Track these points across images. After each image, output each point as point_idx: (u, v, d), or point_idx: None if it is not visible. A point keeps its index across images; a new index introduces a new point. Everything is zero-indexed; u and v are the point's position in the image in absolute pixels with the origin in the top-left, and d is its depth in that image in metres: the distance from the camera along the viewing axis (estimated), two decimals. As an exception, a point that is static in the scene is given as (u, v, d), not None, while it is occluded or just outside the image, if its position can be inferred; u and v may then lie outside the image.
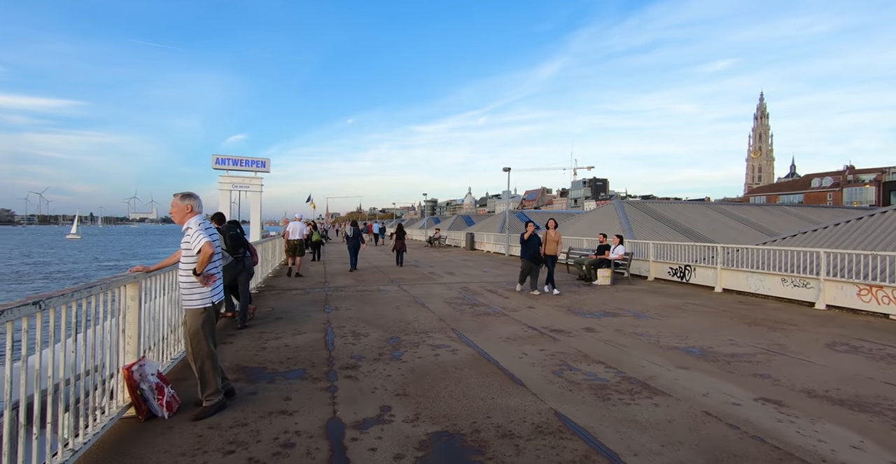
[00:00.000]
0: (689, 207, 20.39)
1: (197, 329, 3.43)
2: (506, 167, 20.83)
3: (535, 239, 9.69)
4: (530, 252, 9.64)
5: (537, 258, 9.64)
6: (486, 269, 15.06)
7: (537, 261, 9.66)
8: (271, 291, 9.90)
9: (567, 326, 6.64)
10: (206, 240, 3.40)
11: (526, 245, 9.67)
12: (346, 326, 6.44)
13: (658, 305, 8.55)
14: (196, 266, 3.39)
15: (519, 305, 8.23)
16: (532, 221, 10.07)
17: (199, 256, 3.40)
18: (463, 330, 6.27)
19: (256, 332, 6.10)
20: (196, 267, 3.40)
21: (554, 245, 10.22)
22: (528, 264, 9.70)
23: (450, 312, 7.59)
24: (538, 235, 9.94)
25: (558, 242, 10.37)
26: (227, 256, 6.23)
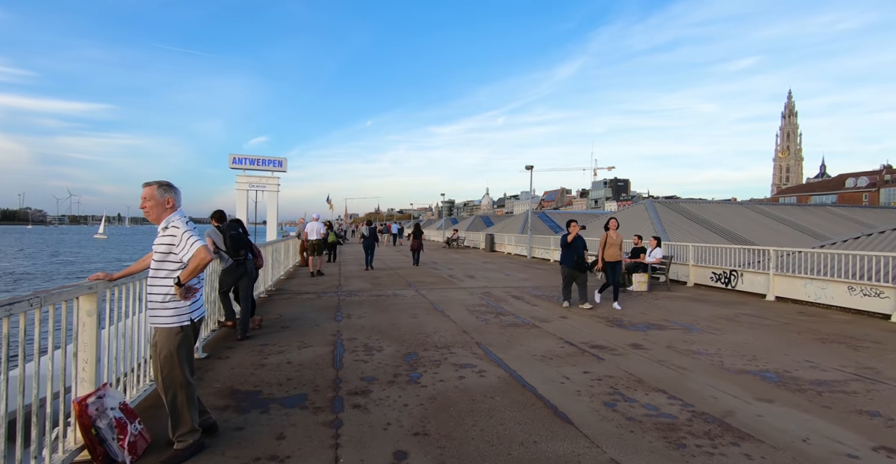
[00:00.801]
0: (724, 207, 19.13)
1: (170, 353, 2.73)
2: (528, 165, 19.94)
3: (579, 242, 8.14)
4: (573, 258, 8.06)
5: (581, 265, 8.06)
6: (509, 272, 14.23)
7: (581, 268, 8.08)
8: (281, 295, 9.29)
9: (609, 341, 5.79)
10: (201, 244, 2.70)
11: (569, 249, 8.09)
12: (357, 339, 5.73)
13: (707, 315, 7.60)
14: (181, 275, 2.69)
15: (550, 315, 7.40)
16: (576, 221, 8.43)
17: (189, 264, 2.70)
18: (489, 345, 5.49)
19: (258, 344, 5.44)
20: (181, 276, 2.70)
21: (616, 250, 8.29)
22: (571, 273, 8.13)
23: (473, 321, 6.81)
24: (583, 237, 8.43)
25: (620, 247, 8.42)
26: (226, 258, 5.60)
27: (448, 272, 13.87)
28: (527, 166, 20.08)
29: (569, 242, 8.06)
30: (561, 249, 8.31)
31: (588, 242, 9.33)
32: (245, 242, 5.61)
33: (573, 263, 8.06)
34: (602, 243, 8.32)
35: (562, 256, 8.26)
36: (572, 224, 8.20)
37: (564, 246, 8.14)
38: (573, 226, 8.18)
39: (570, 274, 8.17)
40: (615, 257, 8.28)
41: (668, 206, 17.78)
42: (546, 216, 32.78)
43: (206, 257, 2.65)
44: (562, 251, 8.26)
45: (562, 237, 8.23)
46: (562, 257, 8.25)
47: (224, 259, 5.60)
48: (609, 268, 8.23)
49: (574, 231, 8.06)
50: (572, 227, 8.18)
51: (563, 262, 8.22)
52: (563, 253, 8.20)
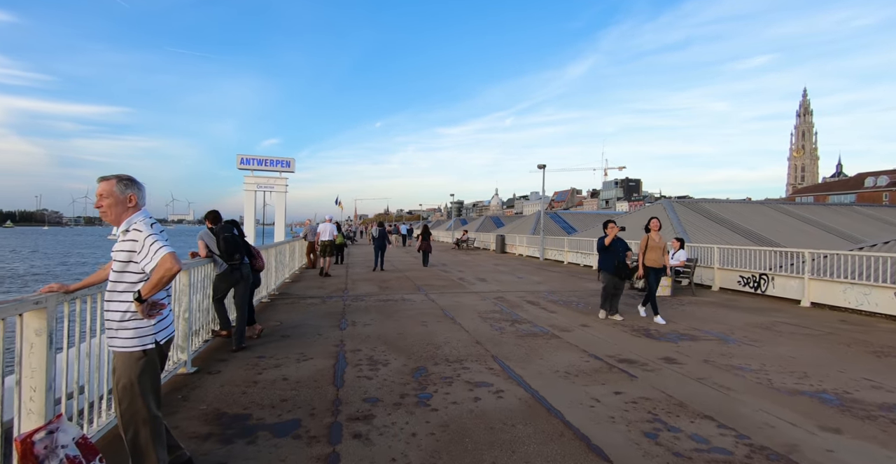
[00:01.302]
0: (745, 207, 18.37)
1: (130, 382, 2.26)
2: (540, 164, 19.38)
3: (619, 245, 7.15)
4: (613, 262, 7.08)
5: (623, 272, 7.10)
6: (522, 275, 13.69)
7: (622, 275, 7.12)
8: (285, 299, 8.87)
9: (638, 354, 5.25)
10: (166, 251, 2.19)
11: (607, 253, 7.15)
12: (362, 350, 5.26)
13: (741, 323, 7.02)
14: (143, 289, 2.19)
15: (570, 323, 6.87)
16: (614, 221, 7.35)
17: (153, 276, 2.20)
18: (506, 358, 4.98)
19: (254, 356, 4.99)
20: (142, 291, 2.19)
21: (659, 254, 7.26)
22: (613, 280, 7.11)
23: (487, 330, 6.31)
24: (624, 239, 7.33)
25: (664, 251, 7.38)
26: (220, 262, 5.17)
27: (458, 275, 13.38)
28: (539, 165, 19.50)
29: (606, 246, 7.11)
30: (598, 254, 7.39)
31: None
32: (240, 244, 5.18)
33: (614, 269, 7.09)
34: (642, 247, 7.31)
35: (600, 262, 7.35)
36: (610, 225, 7.23)
37: (602, 250, 7.20)
38: (611, 227, 7.22)
39: (611, 281, 7.14)
40: (657, 263, 7.24)
41: (687, 205, 17.09)
42: (558, 217, 32.10)
43: (172, 267, 2.17)
44: (599, 256, 7.37)
45: (599, 240, 7.28)
46: (600, 263, 7.35)
47: (218, 263, 5.17)
48: (651, 275, 7.24)
49: (612, 233, 7.11)
50: (610, 228, 7.23)
51: (602, 267, 7.30)
52: (602, 258, 7.28)
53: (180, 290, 4.41)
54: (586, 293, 9.94)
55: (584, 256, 16.51)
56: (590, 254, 16.10)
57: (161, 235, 2.27)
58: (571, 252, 17.44)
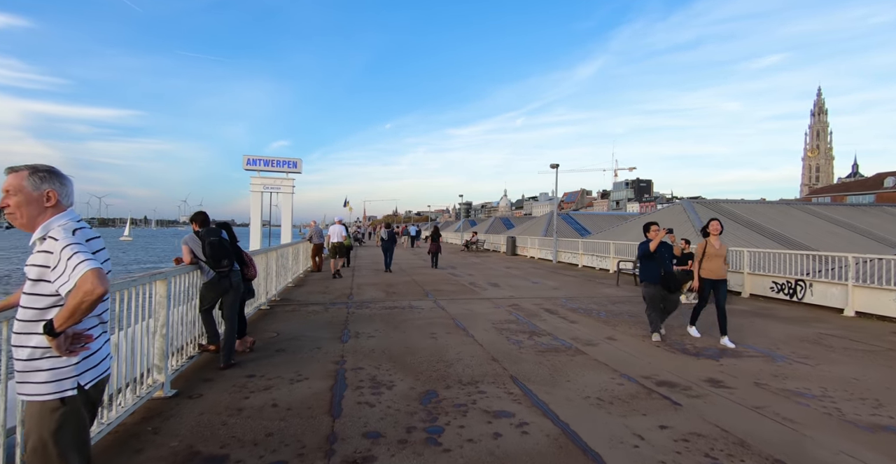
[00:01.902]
0: (770, 208, 17.53)
1: (41, 442, 1.68)
2: (553, 164, 18.72)
3: (665, 251, 6.15)
4: (658, 272, 5.99)
5: (671, 283, 6.00)
6: (536, 279, 13.05)
7: (671, 287, 6.02)
8: (285, 306, 8.35)
9: (677, 374, 4.61)
10: (90, 266, 1.63)
11: (651, 261, 6.02)
12: (364, 368, 4.69)
13: (782, 336, 6.34)
14: (56, 319, 1.63)
15: (594, 336, 6.24)
16: (657, 223, 6.26)
17: (69, 299, 1.62)
18: (527, 379, 4.38)
19: (243, 375, 4.45)
20: (56, 319, 1.62)
21: (720, 263, 5.99)
22: (659, 293, 6.03)
23: (503, 344, 5.71)
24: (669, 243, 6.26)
25: (727, 260, 6.15)
26: (206, 269, 4.64)
27: (469, 279, 12.78)
28: (551, 165, 18.85)
29: (651, 252, 5.95)
30: (639, 262, 6.31)
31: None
32: (229, 250, 4.64)
33: (659, 279, 6.00)
34: (699, 254, 6.08)
35: (641, 271, 6.24)
36: (652, 227, 6.12)
37: (645, 257, 6.05)
38: (654, 230, 6.08)
39: (657, 295, 6.03)
40: (719, 274, 5.97)
41: (708, 206, 16.31)
42: (570, 218, 31.33)
43: (93, 290, 1.57)
44: (640, 264, 6.28)
45: (640, 246, 6.12)
46: (642, 272, 6.23)
47: (205, 271, 4.64)
48: (709, 288, 5.98)
49: (657, 237, 5.96)
50: (653, 231, 6.08)
51: (644, 277, 6.17)
52: (643, 266, 6.17)
53: (157, 302, 3.88)
54: (606, 300, 9.29)
55: (600, 259, 15.81)
56: (606, 257, 15.41)
57: (86, 245, 1.70)
58: (587, 255, 16.75)
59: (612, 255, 14.93)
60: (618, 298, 9.66)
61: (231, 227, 5.22)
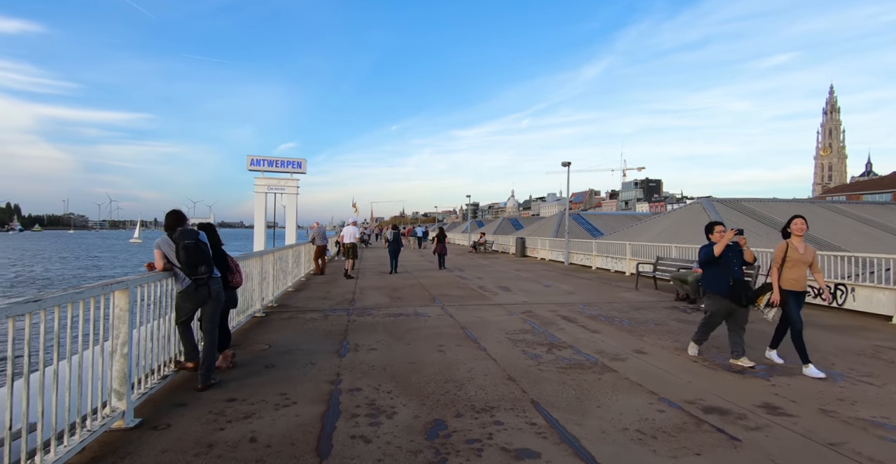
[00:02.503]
0: (793, 206, 16.67)
1: None
2: (564, 162, 18.03)
3: (734, 256, 5.00)
4: (727, 280, 4.91)
5: (742, 294, 4.87)
6: (548, 282, 12.39)
7: (741, 300, 4.88)
8: (282, 313, 7.78)
9: (725, 397, 3.96)
10: None
11: (717, 268, 4.97)
12: (362, 389, 4.09)
13: (832, 348, 5.65)
14: None
15: (620, 348, 5.59)
16: (723, 223, 5.28)
17: None
18: (551, 405, 3.75)
19: (222, 398, 3.87)
20: None
21: (803, 271, 4.90)
22: (727, 307, 4.94)
23: (519, 359, 5.08)
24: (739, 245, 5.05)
25: (812, 266, 4.98)
26: (181, 277, 4.07)
27: (478, 283, 12.15)
28: (563, 163, 18.16)
29: (717, 257, 4.91)
30: (702, 268, 5.22)
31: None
32: (206, 254, 4.06)
33: (727, 290, 4.89)
34: (778, 259, 4.91)
35: (706, 279, 5.16)
36: (717, 228, 5.15)
37: (708, 262, 5.01)
38: (718, 231, 5.10)
39: (723, 308, 4.96)
40: (801, 284, 4.86)
41: (729, 205, 15.51)
42: (581, 218, 30.54)
43: None
44: (704, 271, 5.19)
45: (702, 250, 5.10)
46: (706, 280, 5.16)
47: (180, 278, 4.07)
48: (794, 303, 4.85)
49: (724, 239, 4.91)
50: (717, 232, 5.09)
51: (709, 287, 5.09)
52: (708, 274, 5.10)
53: (117, 316, 3.31)
54: (627, 306, 8.62)
55: (615, 261, 15.09)
56: (621, 258, 14.70)
57: None
58: (601, 256, 16.04)
59: (628, 256, 14.22)
60: (639, 303, 8.98)
61: (214, 228, 4.65)
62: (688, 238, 13.97)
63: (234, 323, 6.28)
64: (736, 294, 4.89)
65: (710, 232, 5.22)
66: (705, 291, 5.22)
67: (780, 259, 4.93)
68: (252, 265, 7.31)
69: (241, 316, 6.62)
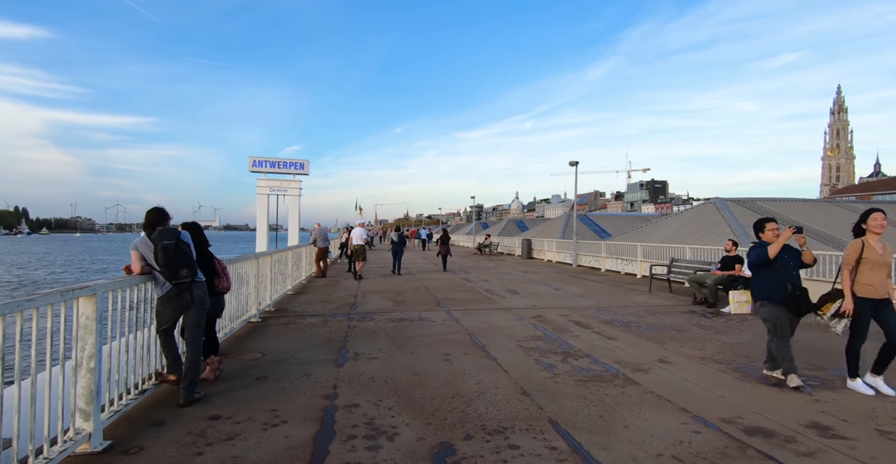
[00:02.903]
0: (810, 206, 16.16)
1: None
2: (572, 161, 17.60)
3: (791, 258, 4.35)
4: (783, 287, 4.23)
5: (801, 303, 4.23)
6: (557, 284, 11.96)
7: (800, 309, 4.26)
8: (280, 318, 7.41)
9: (766, 414, 3.53)
10: None
11: (772, 272, 4.28)
12: (360, 405, 3.70)
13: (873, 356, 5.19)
14: None
15: (641, 357, 5.16)
16: (775, 219, 4.58)
17: None
18: (572, 425, 3.34)
19: (205, 415, 3.49)
20: None
21: (883, 275, 4.06)
22: (785, 316, 4.26)
23: (532, 370, 4.67)
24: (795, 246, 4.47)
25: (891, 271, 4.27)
26: (161, 281, 3.70)
27: (484, 285, 11.74)
28: (570, 162, 17.73)
29: (772, 259, 4.22)
30: (754, 272, 4.50)
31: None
32: (188, 256, 3.69)
33: (783, 297, 4.20)
34: (851, 261, 4.11)
35: (756, 285, 4.47)
36: (768, 225, 4.47)
37: (760, 264, 4.31)
38: (771, 228, 4.43)
39: (783, 318, 4.24)
40: (882, 291, 4.04)
41: (744, 205, 15.01)
42: (588, 219, 30.04)
43: None
44: (755, 275, 4.49)
45: (752, 251, 4.42)
46: (757, 286, 4.43)
47: (159, 282, 3.70)
48: (869, 313, 4.08)
49: (781, 238, 4.21)
50: (769, 230, 4.43)
51: (762, 295, 4.34)
52: (760, 278, 4.39)
53: (82, 325, 2.94)
54: (643, 310, 8.18)
55: (625, 263, 14.63)
56: (632, 260, 14.24)
57: None
58: (610, 258, 15.57)
59: (639, 258, 13.76)
60: (655, 307, 8.54)
61: (199, 227, 4.29)
62: (702, 239, 13.51)
63: (228, 329, 5.92)
64: (794, 302, 4.20)
65: (761, 230, 4.56)
66: (757, 297, 4.49)
67: (854, 261, 4.10)
68: (248, 268, 6.95)
69: (235, 322, 6.25)
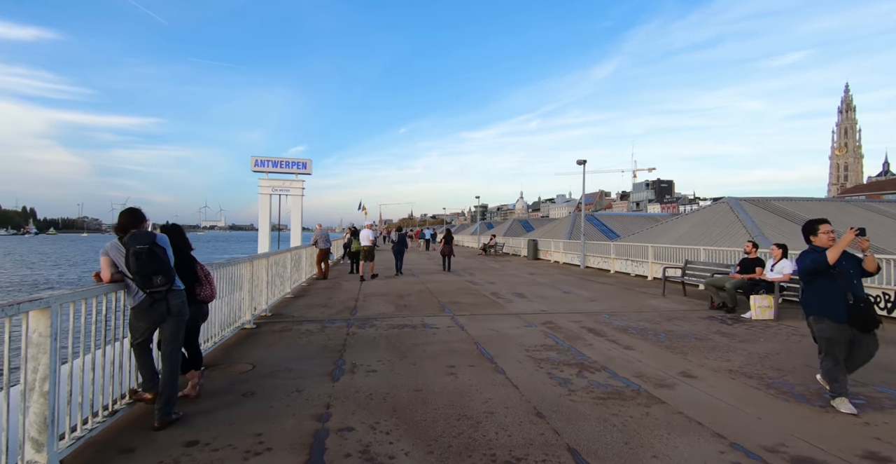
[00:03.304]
0: (827, 206, 15.64)
1: None
2: (580, 160, 17.14)
3: (851, 266, 3.78)
4: (843, 298, 3.65)
5: (867, 317, 3.63)
6: (566, 287, 11.53)
7: (867, 324, 3.64)
8: (275, 324, 7.04)
9: (812, 440, 3.11)
10: None
11: (826, 281, 3.74)
12: (355, 429, 3.31)
13: (918, 371, 4.75)
14: None
15: (662, 370, 4.75)
16: (828, 221, 3.96)
17: None
18: (594, 455, 2.94)
19: (181, 441, 3.11)
20: None
21: None
22: (844, 334, 3.69)
23: (545, 385, 4.27)
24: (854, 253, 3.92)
25: None
26: (134, 289, 3.33)
27: (490, 288, 11.34)
28: (578, 161, 17.27)
29: (831, 265, 3.64)
30: (807, 281, 3.87)
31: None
32: (164, 262, 3.32)
33: (844, 311, 3.63)
34: None
35: (810, 297, 3.86)
36: (822, 227, 3.86)
37: (817, 272, 3.72)
38: (826, 231, 3.84)
39: (840, 335, 3.67)
40: None
41: (757, 204, 14.51)
42: (595, 219, 29.54)
43: None
44: (807, 285, 3.89)
45: (804, 257, 3.82)
46: (813, 299, 3.82)
47: (132, 291, 3.33)
48: None
49: (842, 242, 3.63)
50: (823, 233, 3.84)
51: (815, 308, 3.80)
52: (814, 289, 3.81)
53: (35, 343, 2.57)
54: (658, 316, 7.75)
55: (635, 265, 14.18)
56: (643, 262, 13.79)
57: None
58: (619, 260, 15.12)
59: (650, 259, 13.30)
60: (670, 312, 8.10)
61: (181, 230, 3.93)
62: (715, 240, 13.04)
63: (218, 338, 5.56)
64: (858, 316, 3.60)
65: (813, 233, 3.93)
66: (810, 311, 3.87)
67: None
68: (242, 271, 6.60)
69: (226, 329, 5.90)
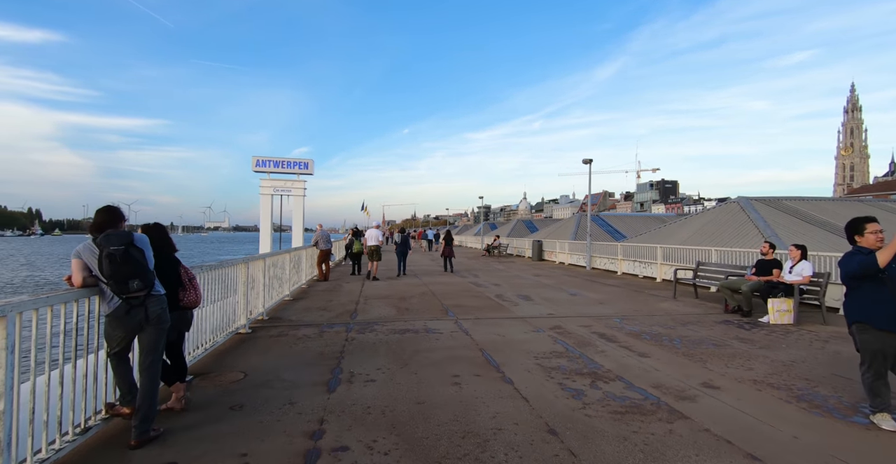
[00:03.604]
0: (840, 205, 15.25)
1: None
2: (586, 159, 16.81)
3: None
4: (891, 307, 3.29)
5: None
6: (573, 289, 11.20)
7: None
8: (271, 328, 6.76)
9: (853, 462, 2.79)
10: None
11: (874, 286, 3.37)
12: (350, 449, 3.01)
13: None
14: None
15: (683, 380, 4.43)
16: (875, 219, 3.57)
17: None
18: (616, 480, 2.63)
19: (154, 462, 2.82)
20: None
21: None
22: (892, 346, 3.32)
23: (557, 398, 3.95)
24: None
25: None
26: (109, 295, 3.04)
27: (495, 290, 11.03)
28: (584, 160, 16.93)
29: (881, 268, 3.29)
30: (851, 286, 3.54)
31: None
32: (141, 265, 3.03)
33: (895, 320, 3.29)
34: None
35: (853, 303, 3.52)
36: (869, 227, 3.50)
37: (864, 276, 3.39)
38: (873, 230, 3.49)
39: (887, 346, 3.34)
40: None
41: (770, 205, 14.12)
42: (601, 219, 29.16)
43: None
44: (852, 290, 3.55)
45: (851, 258, 3.47)
46: (857, 305, 3.48)
47: (106, 297, 3.05)
48: None
49: (892, 245, 3.26)
50: (869, 233, 3.49)
51: (861, 316, 3.44)
52: (859, 294, 3.48)
53: (-13, 357, 2.29)
54: (671, 320, 7.42)
55: (644, 266, 13.83)
56: (652, 263, 13.44)
57: None
58: (627, 261, 14.77)
59: (659, 261, 12.96)
60: (684, 316, 7.77)
61: (164, 229, 3.65)
62: (727, 241, 12.68)
63: (210, 344, 5.28)
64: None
65: (859, 232, 3.57)
66: (852, 320, 3.53)
67: None
68: (237, 273, 6.32)
69: (219, 335, 5.62)
